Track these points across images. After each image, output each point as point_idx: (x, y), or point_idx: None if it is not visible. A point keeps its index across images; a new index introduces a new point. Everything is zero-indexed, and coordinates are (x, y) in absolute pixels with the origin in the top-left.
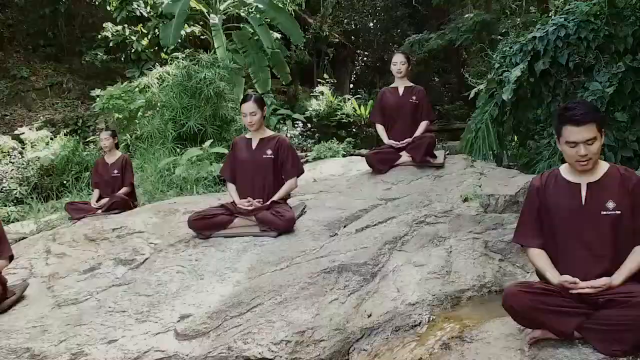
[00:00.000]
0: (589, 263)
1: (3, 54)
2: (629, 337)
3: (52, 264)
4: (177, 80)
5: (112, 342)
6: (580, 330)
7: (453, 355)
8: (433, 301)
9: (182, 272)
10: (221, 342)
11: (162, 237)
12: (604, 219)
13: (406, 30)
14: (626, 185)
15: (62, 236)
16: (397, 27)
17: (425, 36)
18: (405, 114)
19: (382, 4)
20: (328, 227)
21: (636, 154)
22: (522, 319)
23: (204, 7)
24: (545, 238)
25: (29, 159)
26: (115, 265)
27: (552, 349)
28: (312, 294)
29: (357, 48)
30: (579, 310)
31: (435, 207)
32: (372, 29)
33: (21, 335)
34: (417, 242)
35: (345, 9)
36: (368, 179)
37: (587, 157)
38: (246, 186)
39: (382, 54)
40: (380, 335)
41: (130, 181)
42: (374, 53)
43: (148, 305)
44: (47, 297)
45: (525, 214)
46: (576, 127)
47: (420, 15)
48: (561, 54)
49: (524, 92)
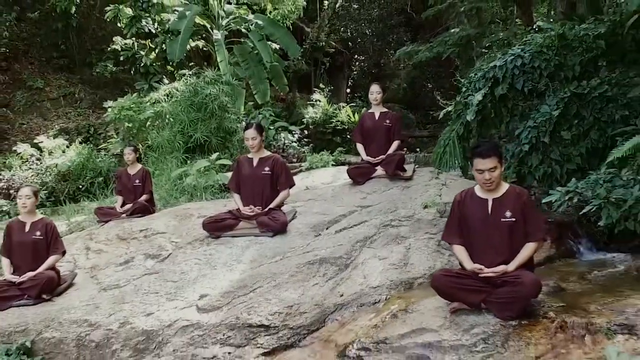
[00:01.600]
0: (492, 255)
1: (19, 66)
2: (517, 306)
3: (92, 258)
4: (184, 95)
5: (149, 314)
6: (484, 302)
7: (398, 322)
8: (391, 285)
9: (199, 264)
10: (231, 314)
11: (181, 236)
12: (504, 224)
13: (402, 37)
14: (520, 201)
15: (98, 236)
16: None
17: (415, 48)
18: (380, 135)
19: (377, 13)
20: (314, 229)
21: (579, 167)
22: (444, 295)
23: (207, 23)
24: (464, 237)
25: (48, 166)
26: (145, 259)
27: (465, 316)
28: (299, 280)
29: (354, 54)
30: (484, 288)
31: (400, 212)
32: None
33: (79, 311)
34: (383, 241)
35: (341, 18)
36: (349, 189)
37: (490, 180)
38: (248, 196)
39: (378, 59)
40: (349, 309)
41: (149, 189)
42: (370, 59)
43: (175, 288)
44: (92, 284)
45: (450, 220)
46: (482, 159)
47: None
48: (517, 80)
49: (488, 112)
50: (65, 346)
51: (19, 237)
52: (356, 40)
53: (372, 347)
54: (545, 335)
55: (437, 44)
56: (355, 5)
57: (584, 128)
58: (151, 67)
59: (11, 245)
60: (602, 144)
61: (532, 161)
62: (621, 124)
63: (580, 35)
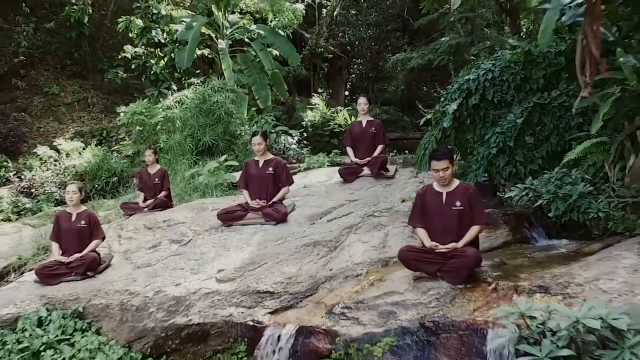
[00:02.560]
0: (446, 235)
1: (35, 73)
2: (463, 274)
3: (124, 244)
4: (194, 103)
5: (178, 285)
6: (439, 272)
7: (374, 288)
8: (370, 262)
9: (215, 247)
10: (243, 283)
11: (198, 225)
12: (454, 211)
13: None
14: (467, 193)
15: (127, 226)
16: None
17: (408, 55)
18: (366, 140)
19: (374, 19)
20: (309, 219)
21: (541, 168)
22: (409, 266)
23: (212, 33)
24: (424, 222)
25: (66, 166)
26: (170, 244)
27: (425, 282)
28: (297, 258)
29: (353, 57)
30: (439, 260)
31: (381, 205)
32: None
33: (119, 284)
34: (366, 228)
35: (340, 24)
36: (340, 186)
37: (444, 177)
38: (255, 192)
39: (376, 62)
40: (336, 280)
41: (167, 187)
42: (368, 62)
43: (197, 265)
44: (127, 264)
45: (414, 209)
46: (437, 161)
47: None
48: (488, 92)
49: (463, 120)
50: (110, 310)
51: (67, 225)
52: (354, 44)
53: (352, 306)
54: (482, 295)
55: (429, 52)
56: (353, 11)
57: (545, 134)
58: (160, 74)
59: (60, 232)
60: (561, 147)
61: (499, 162)
62: (576, 130)
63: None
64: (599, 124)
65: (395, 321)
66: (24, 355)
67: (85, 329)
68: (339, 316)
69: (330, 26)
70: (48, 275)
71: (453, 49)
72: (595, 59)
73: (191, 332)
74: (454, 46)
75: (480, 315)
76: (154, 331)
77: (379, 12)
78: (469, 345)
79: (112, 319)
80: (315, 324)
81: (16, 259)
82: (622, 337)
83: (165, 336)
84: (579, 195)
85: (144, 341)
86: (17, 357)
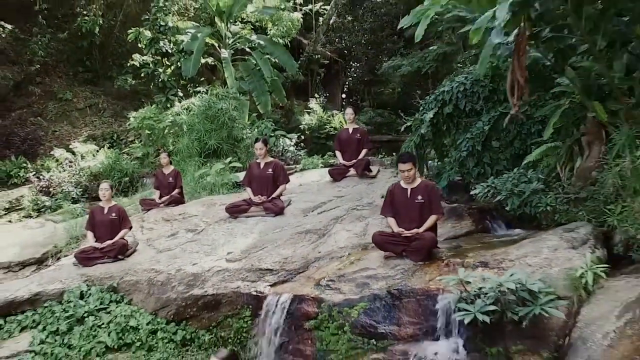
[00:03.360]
0: (410, 223)
1: (49, 80)
2: (423, 253)
3: (146, 233)
4: (200, 110)
5: (195, 264)
6: (404, 252)
7: (353, 265)
8: (352, 247)
9: (225, 234)
10: (248, 263)
11: (209, 217)
12: (417, 204)
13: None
14: (427, 189)
15: (147, 219)
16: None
17: (398, 62)
18: (352, 145)
19: (369, 26)
20: (303, 212)
21: (505, 168)
22: (380, 247)
23: (215, 42)
24: (393, 212)
25: (82, 167)
26: (186, 232)
27: (393, 260)
28: (292, 243)
29: (349, 61)
30: (404, 243)
31: (364, 200)
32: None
33: (145, 264)
34: (350, 219)
35: (336, 30)
36: (330, 184)
37: (408, 177)
38: (257, 189)
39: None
40: (324, 260)
41: (180, 185)
42: (364, 66)
43: (210, 249)
44: (150, 249)
45: (385, 202)
46: (402, 163)
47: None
48: (461, 102)
49: (439, 127)
50: (140, 285)
51: (100, 218)
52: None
53: (335, 279)
54: (436, 269)
55: (418, 60)
56: (350, 17)
57: (509, 139)
58: (168, 82)
59: (94, 223)
60: (523, 151)
61: (469, 164)
62: (536, 135)
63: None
64: (550, 131)
65: (368, 290)
66: (69, 321)
67: (119, 301)
68: (324, 287)
69: (327, 32)
70: (85, 259)
71: (441, 57)
72: (520, 85)
73: (206, 301)
74: (441, 55)
75: (433, 284)
76: (176, 301)
77: (375, 18)
78: (424, 307)
79: (141, 292)
80: (306, 293)
81: (52, 247)
82: (536, 297)
83: (185, 305)
84: (531, 192)
85: (167, 309)
86: (65, 322)
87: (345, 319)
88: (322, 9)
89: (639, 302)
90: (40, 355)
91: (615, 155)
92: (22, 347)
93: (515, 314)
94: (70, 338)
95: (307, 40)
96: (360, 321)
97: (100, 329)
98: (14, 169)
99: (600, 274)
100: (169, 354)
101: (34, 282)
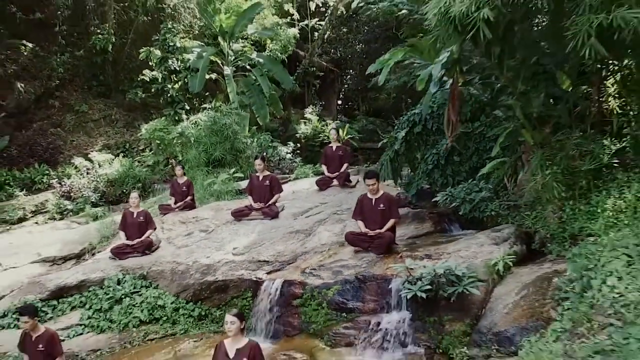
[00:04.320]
0: (374, 225)
1: (66, 93)
2: (383, 248)
3: (166, 233)
4: (207, 124)
5: (208, 257)
6: (370, 247)
7: (331, 258)
8: (332, 244)
9: (231, 234)
10: (250, 255)
11: (218, 220)
12: (379, 210)
13: None
14: (388, 199)
15: (166, 221)
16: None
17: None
18: (335, 160)
19: (363, 38)
20: (293, 215)
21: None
22: (351, 244)
23: (219, 60)
24: (362, 216)
25: (99, 174)
26: (199, 232)
27: (361, 253)
28: (284, 240)
29: (345, 69)
30: (369, 240)
31: (344, 206)
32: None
33: (168, 257)
34: (331, 222)
35: (332, 41)
36: (316, 193)
37: (373, 189)
38: (257, 197)
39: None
40: (310, 254)
41: (192, 193)
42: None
43: (219, 245)
44: (171, 246)
45: (356, 208)
46: (369, 179)
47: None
48: (428, 122)
49: (412, 143)
50: (165, 274)
51: (130, 220)
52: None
53: (317, 268)
54: (393, 260)
55: (404, 75)
56: (345, 29)
57: (468, 154)
58: (176, 96)
59: (126, 224)
60: (480, 164)
61: (435, 175)
62: (490, 152)
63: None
64: (497, 149)
65: (341, 276)
66: (110, 301)
67: (148, 286)
68: (308, 274)
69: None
70: (119, 253)
71: None
72: (454, 123)
73: (217, 285)
74: None
75: (389, 271)
76: (194, 286)
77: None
78: (381, 288)
79: (166, 279)
80: (294, 279)
81: (88, 245)
82: (461, 279)
83: (200, 289)
84: (480, 199)
85: (186, 292)
86: (106, 302)
87: (324, 298)
88: (318, 24)
89: (534, 283)
90: (88, 327)
91: (532, 173)
92: (74, 321)
93: (446, 292)
94: (111, 314)
95: (304, 52)
96: (334, 299)
97: (134, 307)
98: (37, 176)
99: (509, 263)
100: (188, 325)
101: (79, 272)
